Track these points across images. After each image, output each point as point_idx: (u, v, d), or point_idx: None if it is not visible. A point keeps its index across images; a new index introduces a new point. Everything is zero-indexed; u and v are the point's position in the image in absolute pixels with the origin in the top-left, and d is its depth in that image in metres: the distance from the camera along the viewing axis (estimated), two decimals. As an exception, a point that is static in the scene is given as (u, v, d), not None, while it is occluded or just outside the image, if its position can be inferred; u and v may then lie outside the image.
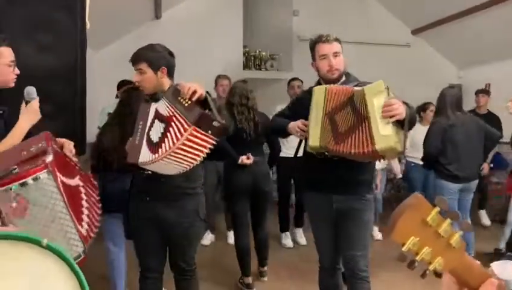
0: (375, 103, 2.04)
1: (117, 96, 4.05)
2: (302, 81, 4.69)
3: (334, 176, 2.31)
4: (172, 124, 1.89)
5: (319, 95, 2.22)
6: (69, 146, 1.93)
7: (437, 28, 6.46)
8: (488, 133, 3.81)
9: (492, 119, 4.88)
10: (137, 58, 2.18)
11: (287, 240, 4.68)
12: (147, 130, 2.03)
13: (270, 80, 6.40)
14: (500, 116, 5.02)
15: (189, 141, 1.84)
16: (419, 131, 4.66)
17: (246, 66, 6.62)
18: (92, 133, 3.59)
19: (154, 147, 1.94)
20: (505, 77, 5.78)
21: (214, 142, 1.88)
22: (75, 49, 1.58)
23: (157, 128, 1.98)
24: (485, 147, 3.83)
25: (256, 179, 3.36)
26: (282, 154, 4.47)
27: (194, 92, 1.91)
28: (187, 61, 5.89)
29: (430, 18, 6.41)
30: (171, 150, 1.84)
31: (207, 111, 1.90)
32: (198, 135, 1.84)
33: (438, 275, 0.83)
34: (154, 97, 2.14)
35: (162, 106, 2.02)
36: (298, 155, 2.50)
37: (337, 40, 2.38)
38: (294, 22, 6.70)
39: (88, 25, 1.58)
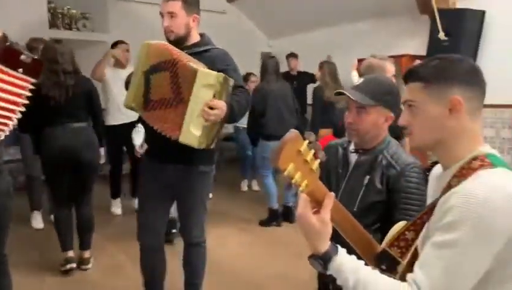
0: (202, 95, 1.90)
1: None
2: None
3: (166, 143, 2.06)
4: None
5: (142, 50, 2.09)
6: None
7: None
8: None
9: (305, 76, 6.03)
10: None
11: (116, 208, 4.56)
12: None
13: (85, 42, 5.90)
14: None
15: None
16: None
17: (52, 24, 5.90)
18: None
19: None
20: (309, 47, 6.54)
21: (31, 83, 1.65)
22: None
23: None
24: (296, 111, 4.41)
25: (75, 148, 3.03)
26: (112, 122, 4.31)
27: None
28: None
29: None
30: None
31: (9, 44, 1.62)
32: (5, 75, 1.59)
33: None
34: None
35: None
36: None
37: None
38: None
39: None
